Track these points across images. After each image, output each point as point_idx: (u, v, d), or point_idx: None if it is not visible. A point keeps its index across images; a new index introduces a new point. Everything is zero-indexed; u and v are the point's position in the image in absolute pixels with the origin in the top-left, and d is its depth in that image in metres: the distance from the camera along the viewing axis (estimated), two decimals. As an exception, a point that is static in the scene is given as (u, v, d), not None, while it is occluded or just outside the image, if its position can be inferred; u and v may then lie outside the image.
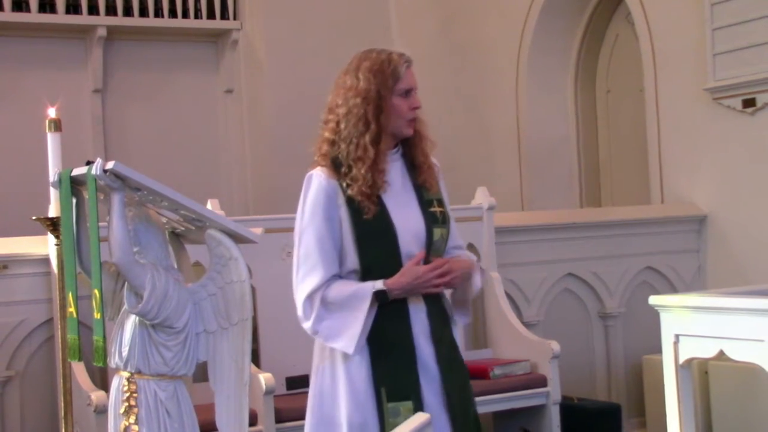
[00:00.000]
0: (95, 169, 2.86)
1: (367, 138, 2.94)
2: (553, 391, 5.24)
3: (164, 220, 3.14)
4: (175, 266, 3.13)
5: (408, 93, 3.02)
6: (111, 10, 7.81)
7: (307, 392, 3.07)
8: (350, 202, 2.94)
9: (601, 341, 6.11)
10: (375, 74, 3.00)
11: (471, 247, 5.63)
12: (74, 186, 2.98)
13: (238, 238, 3.03)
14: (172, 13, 8.01)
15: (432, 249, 3.02)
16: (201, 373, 3.18)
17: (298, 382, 5.05)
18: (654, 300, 4.46)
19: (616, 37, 7.44)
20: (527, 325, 5.69)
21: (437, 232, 3.03)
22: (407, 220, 2.98)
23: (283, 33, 8.24)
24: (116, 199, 2.88)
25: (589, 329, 6.09)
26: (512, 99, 7.57)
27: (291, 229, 5.32)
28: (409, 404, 2.92)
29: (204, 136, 8.29)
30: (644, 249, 6.17)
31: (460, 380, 3.07)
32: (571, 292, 6.05)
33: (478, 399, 5.10)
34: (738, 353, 4.13)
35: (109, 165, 2.85)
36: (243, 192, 8.26)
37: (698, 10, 6.13)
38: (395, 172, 3.04)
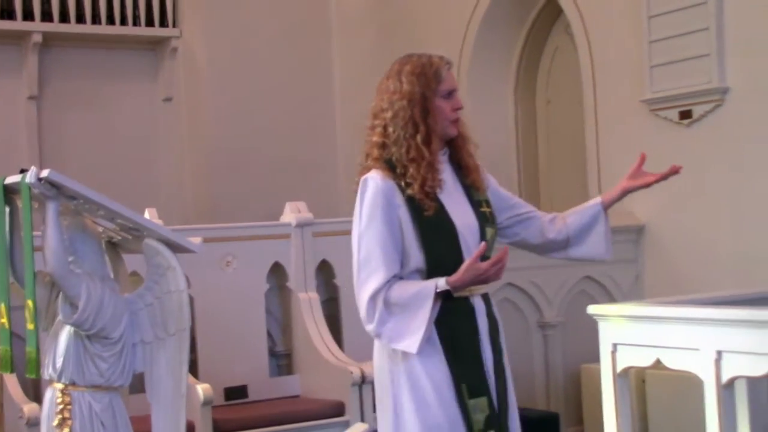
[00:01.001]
0: (29, 177, 2.82)
1: (419, 139, 2.97)
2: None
3: (100, 229, 3.11)
4: (112, 276, 3.09)
5: (450, 94, 3.07)
6: (47, 16, 7.70)
7: (245, 403, 3.04)
8: (410, 201, 2.94)
9: (540, 351, 6.15)
10: (418, 77, 3.04)
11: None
12: (8, 194, 2.94)
13: (176, 248, 3.01)
14: (110, 20, 7.92)
15: (488, 245, 3.05)
16: (137, 384, 3.14)
17: (237, 393, 5.03)
18: (592, 309, 4.50)
19: (555, 49, 7.51)
20: (468, 334, 5.70)
21: (489, 231, 3.07)
22: (463, 218, 3.01)
23: (223, 41, 8.19)
24: (51, 208, 2.85)
25: (528, 339, 6.12)
26: (453, 109, 7.60)
27: (231, 238, 5.33)
28: (484, 400, 2.96)
29: (142, 145, 8.21)
30: (583, 259, 6.21)
31: (506, 384, 3.09)
32: (510, 301, 6.08)
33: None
34: (674, 362, 4.18)
35: (44, 173, 2.81)
36: (182, 201, 8.20)
37: (636, 23, 6.21)
38: (446, 173, 3.07)
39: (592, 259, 3.37)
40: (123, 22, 7.97)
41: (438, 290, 2.87)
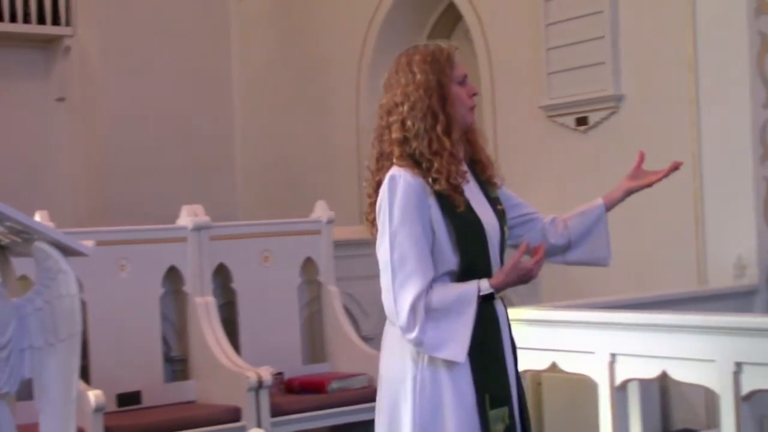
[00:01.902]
0: None
1: (439, 129, 2.80)
2: (391, 405, 5.26)
3: (-13, 231, 3.01)
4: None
5: (464, 80, 2.91)
6: (-66, 13, 7.48)
7: (139, 409, 2.98)
8: (439, 197, 2.79)
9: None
10: (431, 65, 2.85)
11: (309, 260, 5.62)
12: None
13: (67, 251, 2.94)
14: None
15: (504, 246, 2.95)
16: (25, 391, 3.05)
17: (130, 399, 4.94)
18: (490, 313, 4.54)
19: (454, 54, 7.56)
20: (365, 338, 5.71)
21: (506, 230, 2.95)
22: (486, 216, 2.88)
23: (119, 40, 8.05)
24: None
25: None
26: (353, 114, 7.60)
27: (125, 242, 5.24)
28: (505, 410, 2.85)
29: (34, 146, 8.01)
30: (482, 263, 6.26)
31: (522, 392, 3.00)
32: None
33: (313, 414, 5.14)
34: (570, 365, 4.25)
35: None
36: (75, 204, 8.02)
37: (534, 30, 6.30)
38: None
39: (592, 263, 3.25)
40: (13, 19, 7.75)
41: (481, 293, 2.76)
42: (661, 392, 5.46)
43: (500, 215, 2.91)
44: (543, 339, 4.30)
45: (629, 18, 5.84)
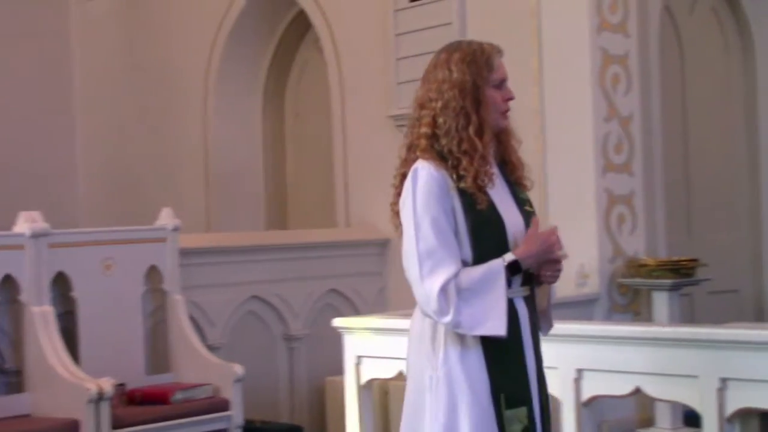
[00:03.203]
0: None
1: (471, 130, 2.78)
2: (236, 415, 5.20)
3: None
4: None
5: (502, 84, 2.87)
6: None
7: None
8: (462, 193, 2.77)
9: (285, 363, 6.13)
10: (469, 65, 2.82)
11: (154, 268, 5.49)
12: None
13: None
14: None
15: None
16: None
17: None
18: (337, 322, 4.53)
19: (304, 63, 7.54)
20: (211, 348, 5.62)
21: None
22: (511, 216, 2.84)
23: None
24: None
25: (273, 352, 6.09)
26: (200, 120, 7.49)
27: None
28: (524, 411, 2.79)
29: None
30: (329, 271, 6.26)
31: (546, 391, 2.92)
32: (255, 314, 6.03)
33: (156, 425, 5.01)
34: (417, 373, 4.24)
35: None
36: None
37: (383, 40, 6.33)
38: (493, 168, 2.88)
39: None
40: None
41: (505, 263, 2.73)
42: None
43: (528, 216, 2.88)
44: (390, 348, 4.30)
45: (477, 30, 5.92)
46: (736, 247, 6.64)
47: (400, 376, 4.34)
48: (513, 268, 2.76)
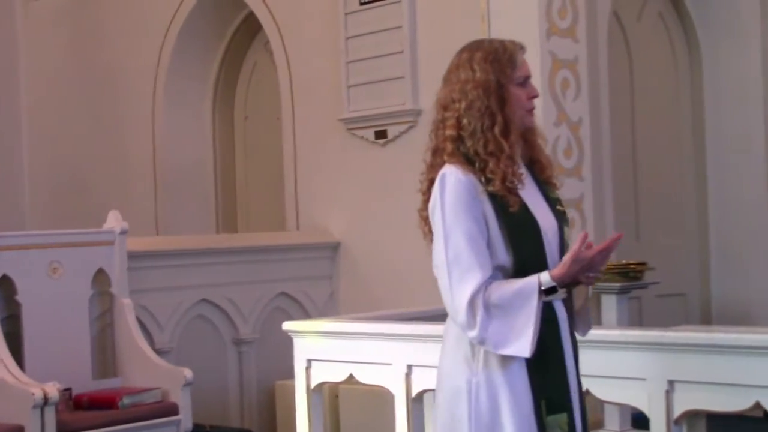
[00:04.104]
0: None
1: (497, 131, 2.71)
2: (184, 420, 5.16)
3: None
4: None
5: (525, 81, 2.80)
6: None
7: None
8: (492, 196, 2.70)
9: (234, 367, 6.10)
10: (492, 63, 2.75)
11: (101, 272, 5.44)
12: None
13: None
14: None
15: (564, 249, 2.81)
16: None
17: None
18: (287, 326, 4.51)
19: (254, 64, 7.52)
20: (160, 352, 5.57)
21: (566, 231, 2.82)
22: (544, 217, 2.77)
23: None
24: None
25: (223, 355, 6.06)
26: (149, 122, 7.43)
27: None
28: (564, 417, 2.73)
29: None
30: (279, 275, 6.24)
31: (583, 397, 2.86)
32: (205, 318, 6.00)
33: (103, 430, 4.96)
34: (367, 377, 4.26)
35: None
36: None
37: (334, 43, 6.32)
38: (522, 168, 2.81)
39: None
40: None
41: (543, 287, 2.64)
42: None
43: (560, 216, 2.83)
44: (340, 351, 4.30)
45: (427, 34, 5.94)
46: (683, 250, 6.73)
47: (351, 380, 4.34)
48: (549, 289, 2.67)
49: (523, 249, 2.70)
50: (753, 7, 6.63)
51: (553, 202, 2.83)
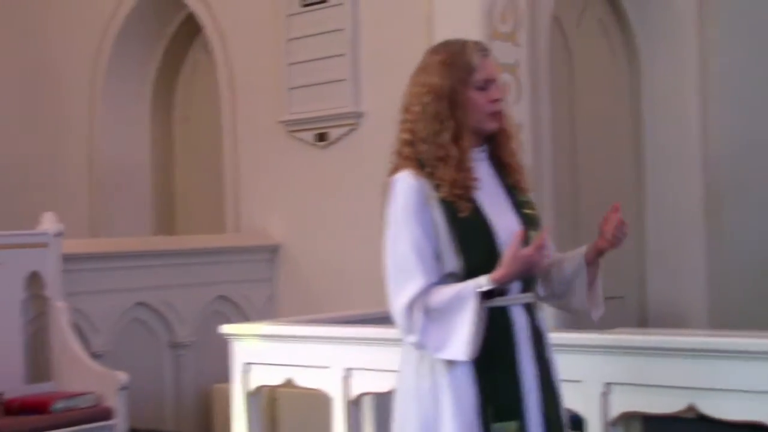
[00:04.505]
0: None
1: (446, 137, 2.69)
2: (120, 424, 5.11)
3: None
4: None
5: (486, 84, 2.75)
6: None
7: None
8: (443, 202, 2.68)
9: (171, 371, 6.05)
10: (448, 67, 2.73)
11: (35, 274, 5.37)
12: None
13: None
14: None
15: None
16: None
17: None
18: (225, 329, 4.48)
19: (194, 66, 7.47)
20: (95, 355, 5.51)
21: (533, 235, 2.75)
22: (503, 220, 2.72)
23: None
24: None
25: (159, 359, 6.01)
26: (85, 123, 7.35)
27: None
28: (513, 425, 2.67)
29: None
30: (218, 278, 6.20)
31: (556, 403, 2.80)
32: (141, 321, 5.95)
33: (36, 435, 4.90)
34: (306, 380, 4.24)
35: None
36: None
37: (275, 44, 6.30)
38: (482, 172, 2.77)
39: (578, 313, 2.98)
40: None
41: (479, 290, 2.61)
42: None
43: (528, 219, 2.79)
44: (278, 354, 4.28)
45: (370, 37, 5.95)
46: (621, 255, 6.78)
47: (289, 383, 4.32)
48: (497, 292, 2.65)
49: (471, 254, 2.68)
50: (691, 15, 6.74)
51: (521, 205, 2.81)
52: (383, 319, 4.61)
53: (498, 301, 2.68)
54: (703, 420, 3.46)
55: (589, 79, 6.74)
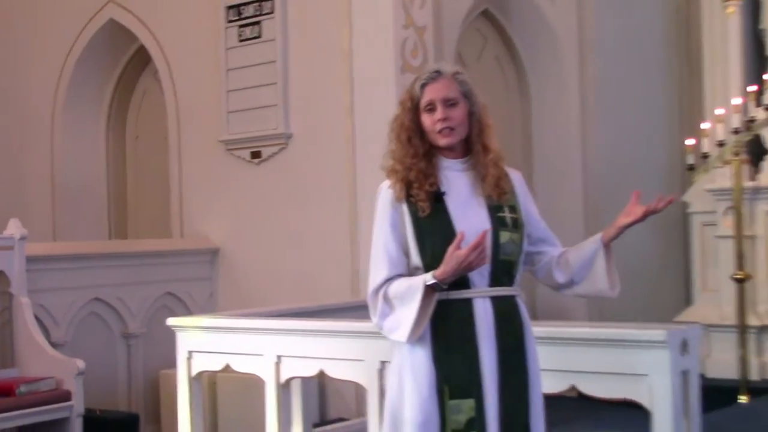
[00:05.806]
0: None
1: (401, 153, 2.80)
2: (77, 405, 5.03)
3: None
4: None
5: (430, 107, 2.77)
6: None
7: None
8: (409, 205, 2.76)
9: (123, 358, 5.96)
10: (405, 101, 2.83)
11: (2, 274, 5.25)
12: None
13: None
14: None
15: (501, 252, 2.72)
16: None
17: None
18: (171, 321, 4.44)
19: (144, 91, 7.37)
20: (55, 345, 5.41)
21: (505, 235, 2.73)
22: (468, 220, 2.71)
23: None
24: None
25: (113, 348, 5.92)
26: (47, 141, 7.21)
27: None
28: (470, 402, 2.66)
29: None
30: (165, 277, 6.13)
31: (519, 388, 2.72)
32: (97, 315, 5.85)
33: (3, 415, 4.78)
34: (242, 366, 4.22)
35: None
36: None
37: (216, 73, 6.26)
38: (461, 181, 2.78)
39: (598, 295, 2.94)
40: None
41: (427, 283, 2.65)
42: (320, 388, 5.56)
43: (501, 221, 2.75)
44: (218, 343, 4.25)
45: (299, 68, 5.94)
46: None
47: (227, 369, 4.29)
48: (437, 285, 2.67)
49: (427, 250, 2.72)
50: (573, 55, 6.89)
51: (495, 209, 2.77)
52: (310, 313, 4.63)
53: (463, 293, 2.70)
54: (582, 398, 3.52)
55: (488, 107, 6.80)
